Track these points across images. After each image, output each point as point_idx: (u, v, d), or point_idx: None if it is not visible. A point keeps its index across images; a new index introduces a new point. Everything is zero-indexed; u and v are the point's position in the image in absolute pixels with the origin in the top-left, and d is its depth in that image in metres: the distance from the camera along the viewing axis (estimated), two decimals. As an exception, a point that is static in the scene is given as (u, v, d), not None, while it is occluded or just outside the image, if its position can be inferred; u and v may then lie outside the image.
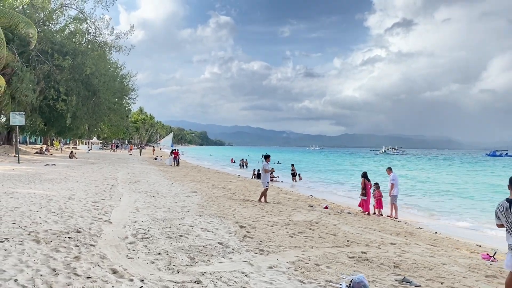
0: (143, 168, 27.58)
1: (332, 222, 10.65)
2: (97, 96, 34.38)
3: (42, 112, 34.42)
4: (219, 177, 25.95)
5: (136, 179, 18.05)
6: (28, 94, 27.60)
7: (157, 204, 11.01)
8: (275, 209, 12.25)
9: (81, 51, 33.05)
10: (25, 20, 21.51)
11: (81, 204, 10.04)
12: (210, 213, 10.06)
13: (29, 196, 10.71)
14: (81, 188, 13.33)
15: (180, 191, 14.47)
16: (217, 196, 14.03)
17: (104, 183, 15.61)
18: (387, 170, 15.41)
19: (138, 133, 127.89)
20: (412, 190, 25.73)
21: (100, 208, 9.54)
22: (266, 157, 14.64)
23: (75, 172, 20.02)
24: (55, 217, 8.06)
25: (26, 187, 12.72)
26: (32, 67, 29.97)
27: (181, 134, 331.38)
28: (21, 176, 16.20)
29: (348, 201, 18.81)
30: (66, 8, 33.33)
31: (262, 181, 14.45)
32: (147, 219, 8.53)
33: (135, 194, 12.82)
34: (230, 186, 18.97)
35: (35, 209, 8.89)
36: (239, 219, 9.55)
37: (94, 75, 33.13)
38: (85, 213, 8.76)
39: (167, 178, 20.24)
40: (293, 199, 16.09)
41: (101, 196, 11.82)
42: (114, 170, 22.77)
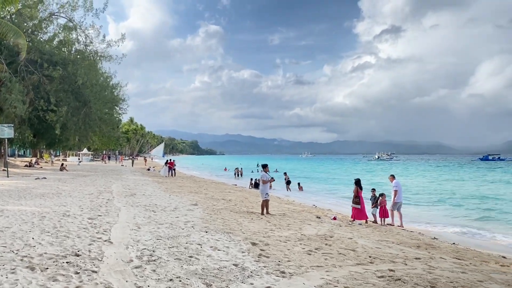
0: (137, 180, 26.76)
1: (346, 235, 10.03)
2: (88, 106, 33.51)
3: (31, 123, 33.44)
4: (216, 187, 25.23)
5: (132, 192, 17.29)
6: (17, 106, 26.71)
7: (158, 219, 10.30)
8: (282, 221, 11.60)
9: (72, 61, 32.23)
10: (14, 29, 20.73)
11: (77, 221, 9.31)
12: (216, 228, 9.39)
13: (20, 214, 9.94)
14: (75, 203, 12.57)
15: (180, 204, 13.76)
16: (219, 209, 13.35)
17: (99, 197, 14.84)
18: (390, 177, 14.93)
19: (129, 144, 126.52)
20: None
21: (98, 226, 8.82)
22: (264, 167, 13.83)
23: (68, 185, 19.19)
24: (50, 238, 7.33)
25: (16, 204, 11.94)
26: (21, 78, 29.10)
27: (172, 144, 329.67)
28: (11, 192, 15.37)
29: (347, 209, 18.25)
30: (56, 17, 32.53)
31: (261, 192, 13.57)
32: (150, 238, 7.84)
33: (133, 208, 12.09)
34: (230, 197, 18.28)
35: (27, 228, 8.16)
36: (249, 235, 8.89)
37: (85, 85, 32.30)
38: (82, 232, 8.05)
39: (164, 190, 19.49)
40: (298, 210, 15.44)
41: (97, 211, 11.08)
42: (108, 183, 21.95)
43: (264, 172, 13.48)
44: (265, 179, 13.39)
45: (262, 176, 13.58)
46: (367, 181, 38.76)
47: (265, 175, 13.43)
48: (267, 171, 13.55)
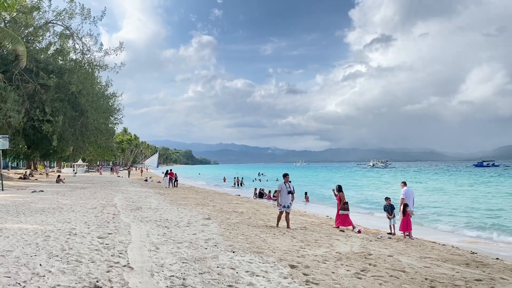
0: (138, 191, 25.68)
1: (383, 252, 9.12)
2: (85, 116, 32.44)
3: (25, 134, 32.31)
4: (221, 198, 24.22)
5: (136, 205, 16.25)
6: (12, 116, 25.63)
7: (174, 237, 9.32)
8: (307, 237, 10.66)
9: (68, 69, 31.22)
10: (11, 34, 19.73)
11: (86, 241, 8.30)
12: (241, 247, 8.43)
13: (22, 233, 8.91)
14: (79, 219, 11.54)
15: (192, 219, 12.77)
16: (235, 223, 12.39)
17: (103, 211, 13.80)
18: (402, 184, 14.15)
19: (124, 154, 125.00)
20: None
21: (111, 247, 7.83)
22: (284, 176, 12.62)
23: (67, 199, 18.11)
24: (60, 264, 6.34)
25: (15, 221, 10.89)
26: (16, 87, 28.04)
27: (166, 154, 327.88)
28: (8, 207, 14.29)
29: (369, 221, 17.36)
30: (52, 25, 31.55)
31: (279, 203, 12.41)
32: (174, 261, 6.86)
33: (144, 224, 11.09)
34: (240, 209, 17.30)
35: (32, 251, 7.15)
36: (280, 254, 7.94)
37: (81, 94, 31.27)
38: (96, 255, 7.05)
39: (169, 203, 18.48)
40: (316, 222, 14.52)
41: (105, 229, 10.07)
42: (108, 195, 20.87)
43: (283, 183, 12.44)
44: (279, 189, 12.43)
45: (277, 186, 12.66)
46: (380, 190, 37.95)
47: (282, 184, 12.39)
48: (287, 181, 12.47)
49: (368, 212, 21.63)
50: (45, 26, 31.06)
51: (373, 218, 19.06)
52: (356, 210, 22.30)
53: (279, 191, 12.32)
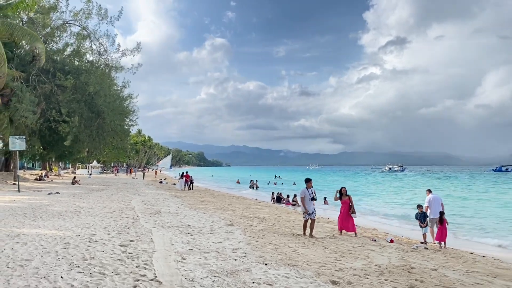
0: (154, 194, 25.25)
1: (425, 265, 8.44)
2: (102, 117, 32.20)
3: (41, 135, 32.20)
4: (239, 202, 23.64)
5: (155, 209, 15.76)
6: (27, 116, 25.44)
7: (199, 245, 8.77)
8: (340, 247, 10.02)
9: (85, 70, 31.03)
10: (30, 33, 19.45)
11: (108, 249, 7.80)
12: (273, 258, 7.82)
13: (40, 240, 8.45)
14: (98, 224, 11.06)
15: (214, 225, 12.21)
16: (259, 230, 11.79)
17: (122, 215, 13.33)
18: (427, 191, 13.46)
19: (138, 156, 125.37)
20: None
21: (135, 256, 7.30)
22: (307, 181, 11.87)
23: (84, 202, 17.71)
24: (82, 276, 5.82)
25: (33, 225, 10.45)
26: (33, 87, 27.90)
27: (178, 155, 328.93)
28: (25, 210, 13.92)
29: (393, 229, 16.65)
30: (69, 25, 31.41)
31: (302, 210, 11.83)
32: (204, 274, 6.30)
33: (165, 230, 10.56)
34: (262, 215, 16.70)
35: (52, 261, 6.65)
36: (317, 268, 7.33)
37: (98, 95, 31.04)
38: (119, 266, 6.53)
39: (188, 206, 17.97)
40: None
41: (126, 235, 9.56)
42: (125, 198, 20.46)
43: (305, 188, 11.71)
44: (302, 196, 11.61)
45: (300, 192, 11.87)
46: (406, 196, 36.94)
47: (305, 191, 11.61)
48: (310, 186, 11.76)
49: (390, 219, 20.82)
50: (62, 26, 30.93)
51: (393, 224, 18.31)
52: (381, 217, 21.56)
53: (303, 198, 11.54)
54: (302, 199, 11.54)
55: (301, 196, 11.59)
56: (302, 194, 11.59)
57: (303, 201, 11.51)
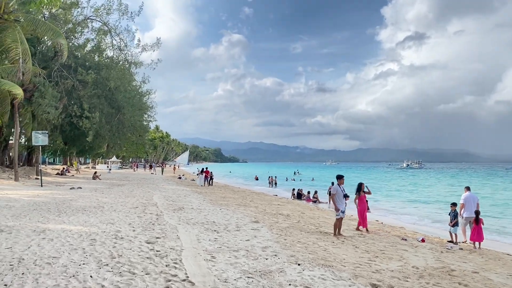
0: (175, 189, 25.17)
1: (464, 267, 8.03)
2: (122, 113, 32.28)
3: (63, 130, 32.49)
4: (260, 198, 23.38)
5: (177, 205, 15.60)
6: (50, 111, 25.61)
7: (227, 243, 8.51)
8: (371, 246, 9.65)
9: (105, 65, 31.12)
10: (53, 28, 19.49)
11: (135, 247, 7.60)
12: (305, 258, 7.51)
13: (66, 236, 8.31)
14: (123, 220, 10.92)
15: (239, 221, 11.95)
16: (285, 228, 11.49)
17: (146, 211, 13.19)
18: (465, 188, 12.94)
19: (156, 151, 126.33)
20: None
21: (163, 254, 7.08)
22: (338, 178, 11.37)
23: (107, 197, 17.68)
24: (112, 276, 5.61)
25: (58, 221, 10.35)
26: (55, 83, 28.09)
27: (196, 151, 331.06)
28: (49, 204, 13.89)
29: (419, 227, 16.14)
30: (90, 21, 31.53)
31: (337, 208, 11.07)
32: (237, 274, 6.03)
33: (191, 227, 10.34)
34: (285, 212, 16.38)
35: (79, 258, 6.47)
36: (352, 269, 7.00)
37: (118, 90, 31.12)
38: (149, 265, 6.31)
39: (210, 202, 17.77)
40: (370, 228, 13.41)
41: (151, 231, 9.38)
42: (147, 194, 20.39)
43: (337, 185, 11.27)
44: (334, 192, 11.09)
45: (332, 189, 11.41)
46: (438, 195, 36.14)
47: (337, 187, 11.15)
48: (341, 183, 11.30)
49: (414, 217, 20.27)
50: (83, 22, 31.06)
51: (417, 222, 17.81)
52: (403, 215, 21.06)
53: (334, 195, 11.04)
54: (333, 196, 10.99)
55: (333, 193, 11.06)
56: (334, 191, 11.08)
57: (334, 198, 10.97)
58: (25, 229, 8.97)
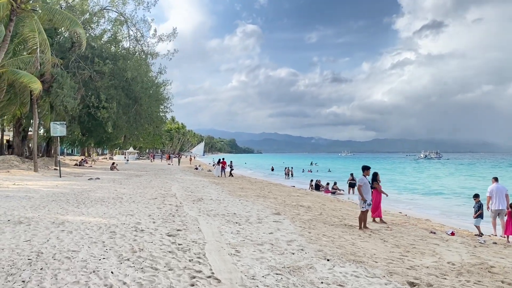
0: (193, 180, 25.01)
1: (503, 263, 7.56)
2: (139, 103, 32.17)
3: (81, 121, 32.56)
4: (278, 190, 23.03)
5: (196, 196, 15.36)
6: (68, 102, 25.60)
7: (250, 235, 8.20)
8: (400, 239, 9.22)
9: (122, 56, 30.98)
10: (70, 17, 19.32)
11: (156, 240, 7.33)
12: (333, 253, 7.15)
13: (85, 228, 8.10)
14: (142, 212, 10.69)
15: (260, 213, 11.63)
16: (308, 220, 11.12)
17: (165, 202, 12.97)
18: (493, 179, 12.41)
19: (172, 142, 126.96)
20: None
21: (186, 248, 6.79)
22: (364, 169, 10.86)
23: (125, 188, 17.55)
24: (133, 272, 5.33)
25: (77, 212, 10.17)
26: (72, 74, 28.06)
27: (211, 142, 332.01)
28: (67, 195, 13.78)
29: (444, 220, 15.57)
30: (106, 11, 31.37)
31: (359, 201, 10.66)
32: (265, 271, 5.70)
33: (212, 219, 10.05)
34: (305, 203, 16.00)
35: (99, 252, 6.22)
36: (385, 265, 6.61)
37: (135, 81, 30.97)
38: (171, 259, 6.02)
39: (228, 193, 17.51)
40: (396, 221, 12.97)
41: (172, 223, 9.12)
42: (165, 184, 20.24)
43: (363, 176, 10.82)
44: (361, 184, 10.59)
45: (358, 181, 10.91)
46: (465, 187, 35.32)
47: (363, 179, 10.69)
48: (367, 174, 10.88)
49: (437, 209, 19.69)
50: (99, 12, 30.91)
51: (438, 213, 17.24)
52: (425, 207, 20.50)
53: (361, 186, 10.57)
54: (360, 187, 10.51)
55: (360, 184, 10.59)
56: (361, 182, 10.60)
57: (360, 190, 10.48)
58: (44, 220, 8.80)
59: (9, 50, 20.77)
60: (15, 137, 32.97)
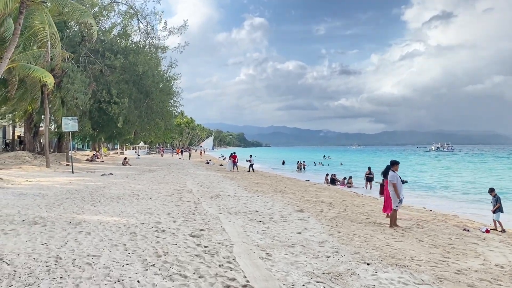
0: (206, 175, 24.58)
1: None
2: (150, 98, 31.74)
3: (92, 116, 32.24)
4: (294, 184, 22.53)
5: (213, 192, 14.91)
6: (79, 97, 25.23)
7: (278, 236, 7.70)
8: (435, 239, 8.66)
9: (133, 50, 30.53)
10: (80, 8, 18.88)
11: (180, 241, 6.86)
12: (371, 255, 6.61)
13: (103, 229, 7.65)
14: (161, 209, 10.25)
15: (282, 210, 11.12)
16: (333, 218, 10.60)
17: (182, 199, 12.52)
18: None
19: (181, 137, 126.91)
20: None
21: (213, 251, 6.30)
22: (393, 164, 10.14)
23: (139, 184, 17.16)
24: (161, 279, 4.86)
25: (93, 211, 9.75)
26: (83, 68, 27.68)
27: (220, 136, 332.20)
28: (82, 192, 13.39)
29: (471, 215, 14.89)
30: (116, 4, 30.90)
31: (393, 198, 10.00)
32: (303, 278, 5.19)
33: (234, 217, 9.57)
34: (326, 199, 15.48)
35: (121, 257, 5.76)
36: (429, 268, 6.07)
37: (146, 75, 30.53)
38: (200, 265, 5.54)
39: (245, 189, 17.03)
40: (423, 217, 12.39)
41: (193, 222, 8.65)
42: (179, 180, 19.84)
43: (393, 172, 10.11)
44: (395, 181, 9.80)
45: (390, 177, 10.02)
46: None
47: (395, 175, 9.93)
48: (396, 169, 10.14)
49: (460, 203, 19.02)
50: (109, 5, 30.45)
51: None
52: (447, 201, 19.86)
53: (395, 183, 9.79)
54: (395, 185, 9.77)
55: (393, 181, 9.80)
56: (394, 178, 9.83)
57: (396, 187, 9.76)
58: (59, 220, 8.38)
59: (19, 44, 20.38)
60: (26, 133, 32.75)
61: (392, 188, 9.89)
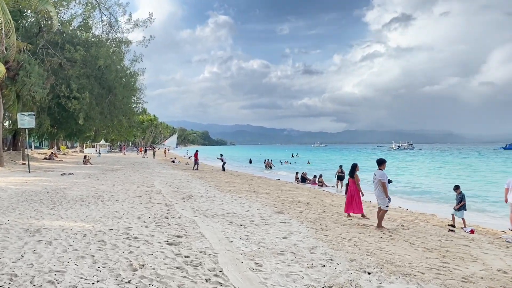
0: (173, 174, 23.58)
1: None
2: (113, 93, 30.26)
3: (50, 112, 30.40)
4: (266, 183, 21.92)
5: (184, 193, 14.07)
6: (36, 91, 23.56)
7: (263, 242, 7.05)
8: (425, 241, 8.25)
9: (95, 42, 28.97)
10: (39, -6, 17.46)
11: (156, 251, 6.07)
12: (369, 263, 6.07)
13: (66, 237, 6.74)
14: (130, 213, 9.37)
15: (262, 212, 10.48)
16: (315, 219, 10.05)
17: (152, 201, 11.64)
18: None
19: (144, 135, 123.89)
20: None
21: (196, 262, 5.57)
22: (380, 163, 9.64)
23: (103, 184, 16.04)
24: (141, 301, 4.08)
25: (54, 215, 8.75)
26: (40, 61, 25.94)
27: (183, 135, 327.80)
28: (40, 194, 12.23)
29: (447, 214, 14.80)
30: (77, -6, 29.17)
31: (378, 198, 9.55)
32: (305, 293, 4.56)
33: (211, 221, 8.83)
34: (302, 199, 14.95)
35: (90, 271, 4.93)
36: (434, 276, 5.59)
37: (109, 69, 29.07)
38: (183, 280, 4.80)
39: (217, 189, 16.28)
40: (405, 217, 12.07)
41: (168, 228, 7.86)
42: (146, 179, 18.81)
43: (380, 170, 9.57)
44: (384, 180, 9.32)
45: (379, 176, 9.43)
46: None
47: (383, 174, 9.41)
48: (383, 168, 9.62)
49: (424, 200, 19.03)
50: (70, -5, 28.73)
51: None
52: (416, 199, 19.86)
53: (384, 183, 9.30)
54: (384, 184, 9.32)
55: (384, 180, 9.33)
56: (382, 177, 9.35)
57: (385, 187, 9.33)
58: (15, 227, 7.39)
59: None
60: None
61: (381, 188, 9.41)
